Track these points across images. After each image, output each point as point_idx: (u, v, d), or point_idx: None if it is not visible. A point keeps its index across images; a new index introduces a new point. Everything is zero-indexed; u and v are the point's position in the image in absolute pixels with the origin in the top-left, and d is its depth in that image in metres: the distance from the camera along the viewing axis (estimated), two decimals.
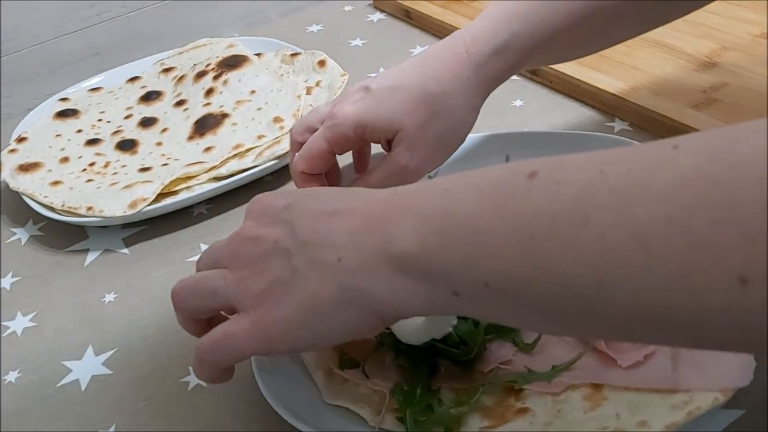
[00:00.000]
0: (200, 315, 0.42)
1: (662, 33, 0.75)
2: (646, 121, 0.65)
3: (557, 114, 0.70)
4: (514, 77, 0.74)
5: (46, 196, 0.64)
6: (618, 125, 0.67)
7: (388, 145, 0.53)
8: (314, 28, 0.90)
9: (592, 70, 0.70)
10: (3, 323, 0.58)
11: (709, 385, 0.41)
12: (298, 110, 0.70)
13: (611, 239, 0.28)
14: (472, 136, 0.64)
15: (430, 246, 0.33)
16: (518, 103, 0.72)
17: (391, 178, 0.52)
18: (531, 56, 0.53)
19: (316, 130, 0.53)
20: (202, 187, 0.64)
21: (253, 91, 0.74)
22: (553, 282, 0.30)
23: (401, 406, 0.43)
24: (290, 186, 0.67)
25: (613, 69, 0.70)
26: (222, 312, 0.42)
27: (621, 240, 0.28)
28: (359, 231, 0.36)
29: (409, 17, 0.88)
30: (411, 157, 0.52)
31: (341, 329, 0.37)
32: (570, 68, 0.71)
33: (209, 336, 0.40)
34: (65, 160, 0.70)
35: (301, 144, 0.54)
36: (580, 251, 0.29)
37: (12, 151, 0.71)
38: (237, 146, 0.67)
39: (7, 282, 0.61)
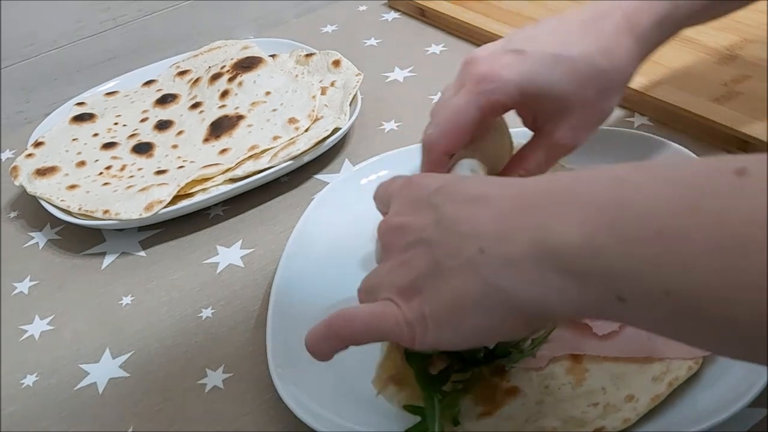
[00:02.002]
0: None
1: None
2: (666, 116, 0.64)
3: None
4: None
5: (63, 200, 0.65)
6: (638, 120, 0.66)
7: (534, 122, 0.48)
8: (329, 28, 0.90)
9: None
10: (21, 327, 0.58)
11: (683, 353, 0.41)
12: (313, 111, 0.70)
13: None
14: None
15: (597, 241, 0.29)
16: None
17: (549, 161, 0.47)
18: (683, 26, 0.48)
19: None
20: (217, 189, 0.64)
21: (268, 93, 0.74)
22: (759, 302, 0.25)
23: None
24: (306, 185, 0.66)
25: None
26: None
27: None
28: (507, 219, 0.32)
29: (424, 16, 0.87)
30: (574, 138, 0.46)
31: (483, 331, 0.34)
32: None
33: (352, 313, 0.37)
34: (82, 164, 0.70)
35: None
36: None
37: (29, 155, 0.71)
38: (252, 147, 0.67)
39: (24, 286, 0.62)
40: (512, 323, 0.33)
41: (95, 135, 0.74)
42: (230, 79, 0.75)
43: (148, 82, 0.81)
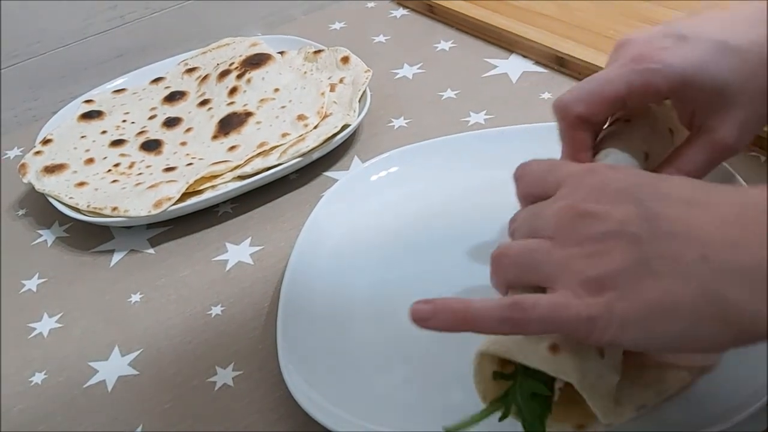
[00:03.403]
0: (512, 285, 0.38)
1: None
2: None
3: None
4: (540, 69, 0.74)
5: (71, 198, 0.64)
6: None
7: (693, 117, 0.44)
8: (337, 25, 0.89)
9: None
10: (29, 325, 0.57)
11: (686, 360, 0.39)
12: (322, 107, 0.69)
13: None
14: (500, 130, 0.63)
15: None
16: (546, 95, 0.70)
17: (710, 162, 0.43)
18: None
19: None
20: (226, 186, 0.64)
21: (276, 89, 0.73)
22: None
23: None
24: (315, 182, 0.66)
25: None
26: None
27: None
28: (734, 227, 0.31)
29: (433, 12, 0.87)
30: (739, 138, 0.42)
31: (683, 338, 0.32)
32: (600, 59, 0.69)
33: (531, 302, 0.34)
34: (90, 161, 0.69)
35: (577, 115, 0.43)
36: None
37: (37, 153, 0.71)
38: (261, 144, 0.66)
39: (33, 283, 0.61)
40: (719, 336, 0.31)
41: (103, 132, 0.73)
42: (239, 76, 0.75)
43: (157, 80, 0.81)
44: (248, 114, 0.71)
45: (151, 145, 0.70)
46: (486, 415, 0.37)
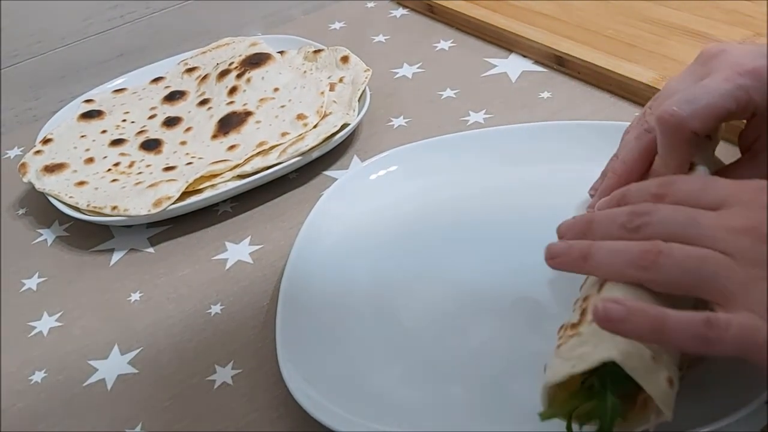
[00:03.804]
0: (664, 288, 0.37)
1: (693, 21, 0.73)
2: None
3: (586, 105, 0.68)
4: (539, 68, 0.74)
5: (71, 197, 0.64)
6: None
7: (755, 141, 0.44)
8: (337, 25, 0.89)
9: (622, 60, 0.69)
10: (29, 323, 0.58)
11: None
12: (322, 107, 0.69)
13: None
14: (500, 129, 0.63)
15: None
16: (546, 94, 0.70)
17: None
18: None
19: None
20: (226, 185, 0.64)
21: (276, 89, 0.74)
22: None
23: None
24: (315, 181, 0.66)
25: (643, 58, 0.69)
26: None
27: None
28: None
29: (432, 12, 0.87)
30: None
31: None
32: (599, 58, 0.70)
33: (724, 322, 0.34)
34: (90, 160, 0.69)
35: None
36: None
37: (37, 152, 0.71)
38: (261, 144, 0.67)
39: (33, 282, 0.61)
40: None
41: (103, 132, 0.73)
42: (238, 76, 0.75)
43: (156, 79, 0.81)
44: (248, 113, 0.71)
45: (151, 145, 0.70)
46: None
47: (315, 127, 0.68)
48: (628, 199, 0.41)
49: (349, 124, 0.67)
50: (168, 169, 0.67)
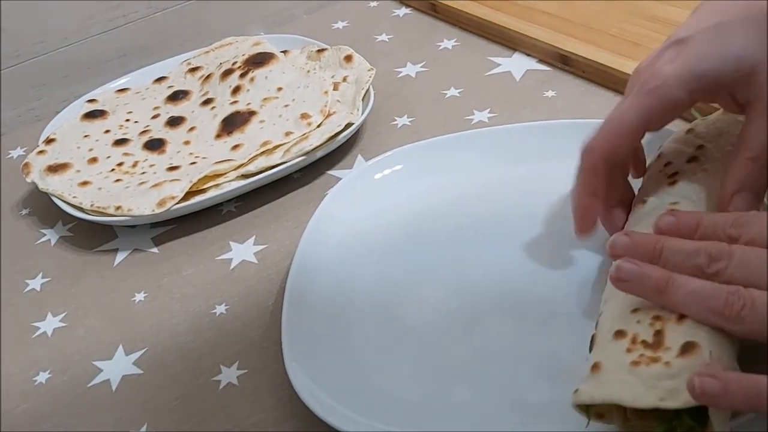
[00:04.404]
0: (746, 336, 0.37)
1: None
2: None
3: (591, 104, 0.68)
4: (543, 67, 0.74)
5: (75, 197, 0.64)
6: None
7: (736, 100, 0.44)
8: (339, 24, 0.89)
9: (627, 59, 0.68)
10: (33, 324, 0.57)
11: None
12: (326, 106, 0.69)
13: None
14: (505, 128, 0.63)
15: None
16: (550, 93, 0.70)
17: None
18: None
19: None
20: (230, 185, 0.64)
21: (280, 88, 0.73)
22: None
23: None
24: (319, 181, 0.66)
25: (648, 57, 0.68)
26: None
27: None
28: None
29: (435, 11, 0.87)
30: None
31: None
32: (603, 57, 0.69)
33: None
34: (93, 160, 0.69)
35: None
36: None
37: (40, 152, 0.71)
38: (265, 143, 0.66)
39: (36, 283, 0.61)
40: None
41: (107, 132, 0.73)
42: (242, 75, 0.75)
43: (159, 79, 0.81)
44: (251, 113, 0.71)
45: (155, 144, 0.70)
46: None
47: (319, 126, 0.67)
48: (702, 233, 0.40)
49: (353, 124, 0.67)
50: (172, 168, 0.66)
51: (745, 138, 0.43)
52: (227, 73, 0.76)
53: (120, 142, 0.71)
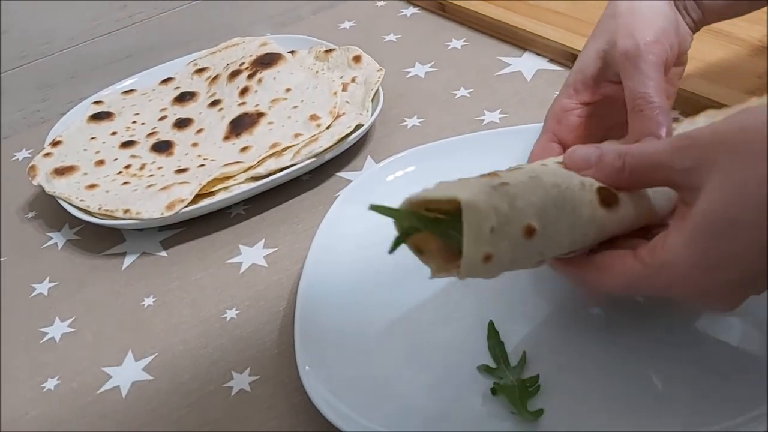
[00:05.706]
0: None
1: None
2: (699, 109, 0.62)
3: None
4: (554, 67, 0.73)
5: (82, 200, 0.64)
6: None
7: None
8: (347, 24, 0.89)
9: None
10: (41, 329, 0.57)
11: None
12: (335, 107, 0.68)
13: None
14: (517, 129, 0.62)
15: None
16: None
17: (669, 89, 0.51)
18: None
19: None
20: (239, 188, 0.63)
21: (288, 89, 0.73)
22: None
23: None
24: (328, 183, 0.65)
25: None
26: None
27: None
28: None
29: (443, 10, 0.86)
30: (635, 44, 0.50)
31: None
32: None
33: None
34: (100, 162, 0.69)
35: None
36: None
37: (47, 155, 0.70)
38: (274, 145, 0.66)
39: (44, 287, 0.60)
40: None
41: (113, 134, 0.72)
42: (249, 76, 0.74)
43: (166, 80, 0.80)
44: (260, 114, 0.70)
45: (162, 147, 0.69)
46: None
47: (328, 128, 0.67)
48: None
49: (362, 125, 0.66)
50: (180, 171, 0.66)
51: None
52: (235, 74, 0.75)
53: (127, 144, 0.71)
